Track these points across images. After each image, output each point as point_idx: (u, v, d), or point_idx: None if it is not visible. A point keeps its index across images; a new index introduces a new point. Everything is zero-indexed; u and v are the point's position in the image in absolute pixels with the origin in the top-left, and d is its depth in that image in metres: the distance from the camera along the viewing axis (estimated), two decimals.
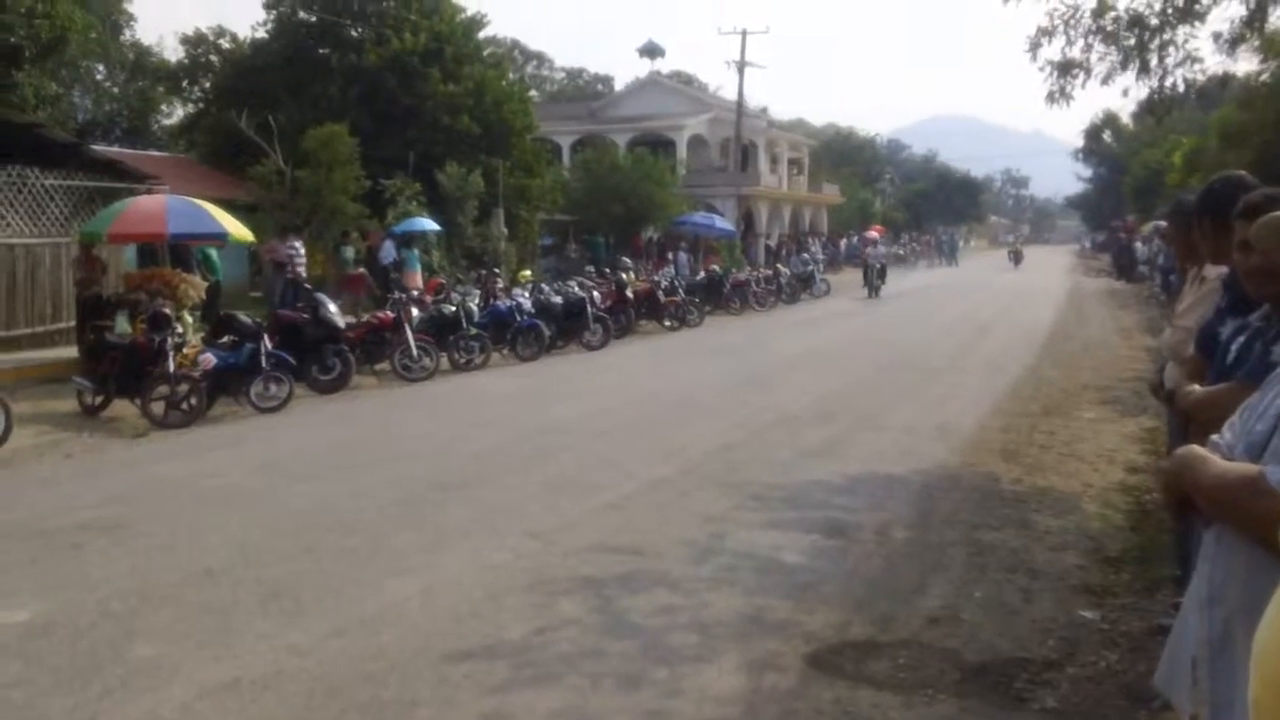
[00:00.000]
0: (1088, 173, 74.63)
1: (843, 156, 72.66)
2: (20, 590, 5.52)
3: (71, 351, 14.03)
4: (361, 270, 21.07)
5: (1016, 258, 52.59)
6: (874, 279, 30.25)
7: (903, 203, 77.92)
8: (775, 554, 6.24)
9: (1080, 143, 68.01)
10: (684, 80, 62.12)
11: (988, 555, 6.23)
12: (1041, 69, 12.36)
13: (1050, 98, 12.54)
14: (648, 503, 7.43)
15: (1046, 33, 12.10)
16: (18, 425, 9.39)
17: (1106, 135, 64.33)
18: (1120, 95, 23.51)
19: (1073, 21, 11.98)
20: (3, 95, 19.45)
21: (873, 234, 38.29)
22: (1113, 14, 11.94)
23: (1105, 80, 12.37)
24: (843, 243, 54.23)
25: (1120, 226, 46.50)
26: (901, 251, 53.88)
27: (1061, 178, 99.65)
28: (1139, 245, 36.87)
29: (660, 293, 21.22)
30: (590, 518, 7.00)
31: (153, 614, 5.20)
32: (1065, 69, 12.32)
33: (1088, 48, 12.14)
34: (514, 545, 6.34)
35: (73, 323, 14.96)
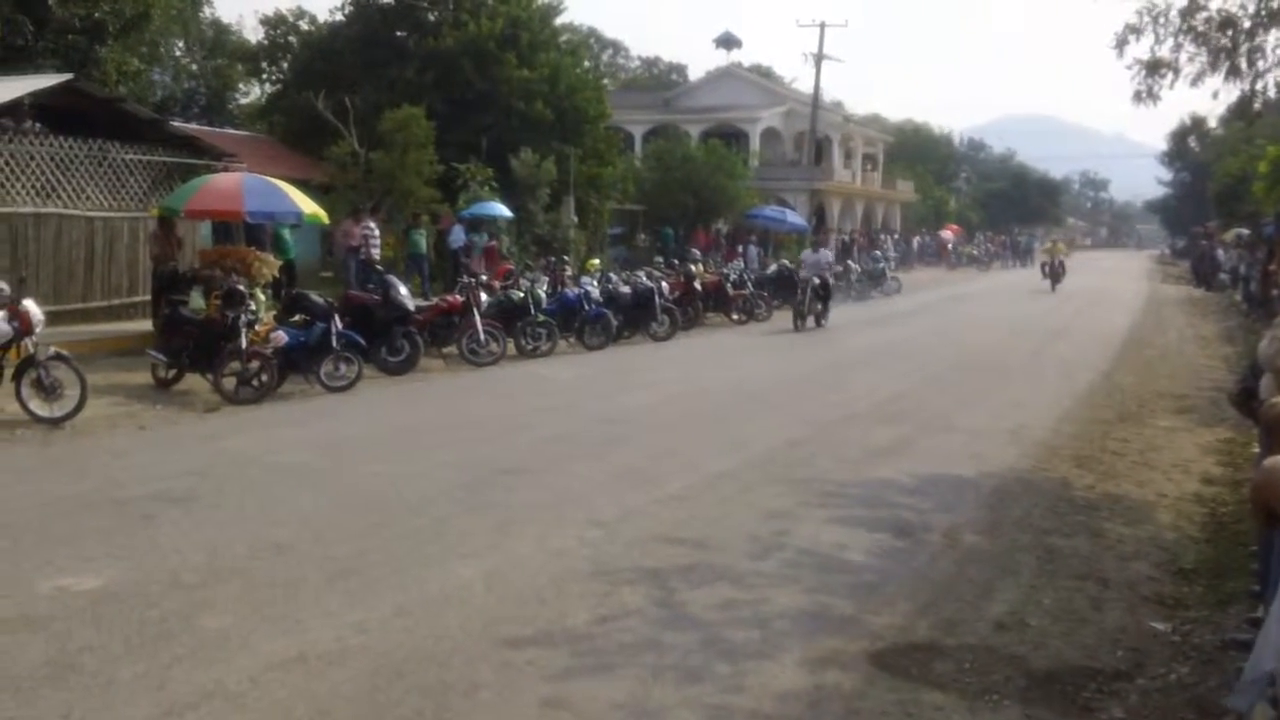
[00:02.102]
0: (1169, 177, 72.76)
1: (918, 153, 71.61)
2: (94, 557, 5.64)
3: (146, 325, 14.34)
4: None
5: (1053, 273, 33.03)
6: (807, 303, 19.54)
7: (978, 202, 76.66)
8: (840, 552, 6.16)
9: (1165, 146, 66.32)
10: (761, 72, 61.68)
11: (1057, 562, 6.09)
12: (1129, 67, 12.03)
13: (1137, 97, 12.19)
14: (711, 496, 7.38)
15: (1134, 30, 11.77)
16: (93, 396, 9.58)
17: (1192, 140, 62.64)
18: (1210, 98, 22.75)
19: (1162, 20, 11.63)
20: (86, 71, 19.90)
21: (821, 254, 21.64)
22: (1204, 14, 11.56)
23: (1195, 81, 11.97)
24: (915, 240, 53.57)
25: (1202, 233, 45.28)
26: (975, 252, 52.96)
27: (1142, 181, 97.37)
28: (1220, 253, 35.86)
29: (729, 285, 21.09)
30: (654, 508, 6.97)
31: (222, 586, 5.28)
32: (1153, 68, 11.96)
33: (1177, 47, 11.76)
34: (577, 533, 6.34)
35: (148, 297, 15.26)
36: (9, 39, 19.37)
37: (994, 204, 76.22)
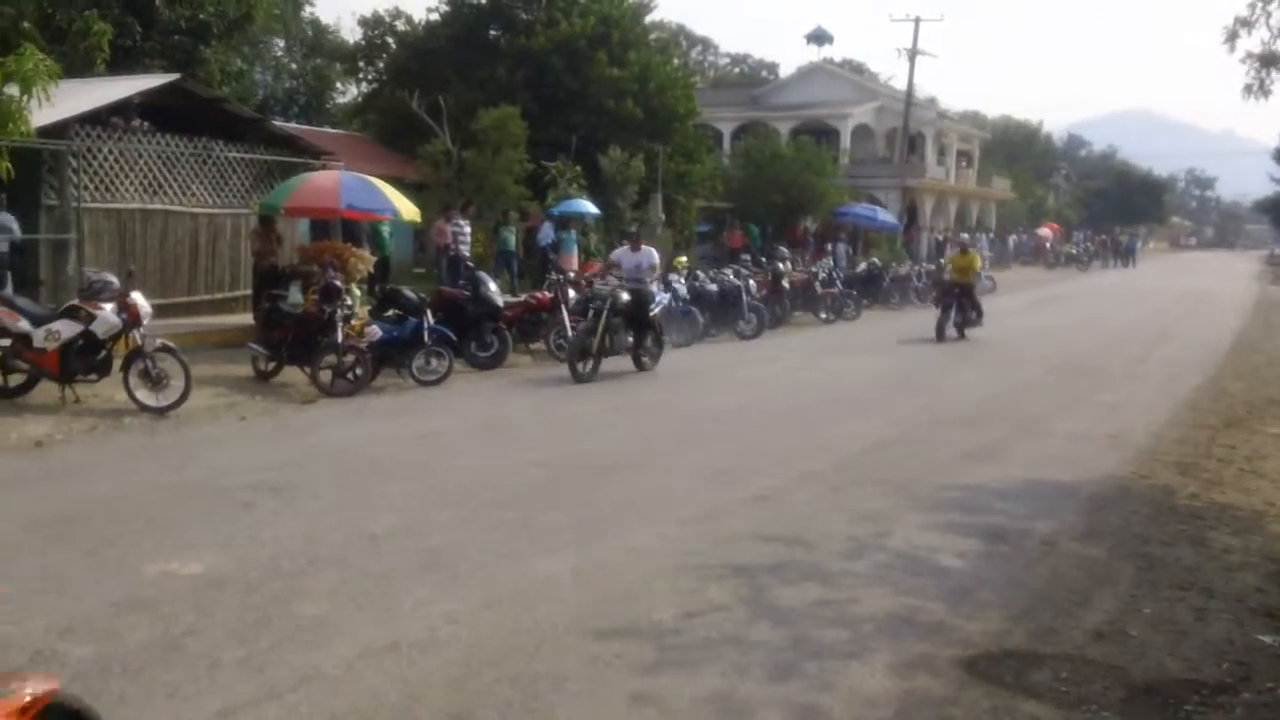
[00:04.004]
0: None
1: (1015, 150, 70.02)
2: (196, 544, 5.82)
3: (247, 319, 14.74)
4: None
5: (946, 313, 17.99)
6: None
7: (1078, 200, 74.66)
8: (932, 555, 6.05)
9: (1277, 143, 63.65)
10: (853, 68, 60.98)
11: (1159, 571, 5.91)
12: (1242, 61, 11.61)
13: (1247, 91, 11.76)
14: (801, 495, 7.33)
15: (1245, 24, 11.35)
16: (196, 387, 9.89)
17: None
18: None
19: (1276, 12, 11.19)
20: (191, 71, 20.51)
21: (643, 255, 13.84)
22: None
23: None
24: (1011, 239, 52.40)
25: None
26: (1074, 251, 51.60)
27: (1251, 180, 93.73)
28: None
29: (817, 284, 20.90)
30: (741, 507, 6.94)
31: (319, 574, 5.40)
32: (1267, 62, 11.52)
33: None
34: (664, 530, 6.34)
35: (249, 291, 15.70)
36: (118, 40, 20.07)
37: (1094, 202, 74.19)
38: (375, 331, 11.48)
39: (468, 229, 19.73)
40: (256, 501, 6.71)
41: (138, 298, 10.03)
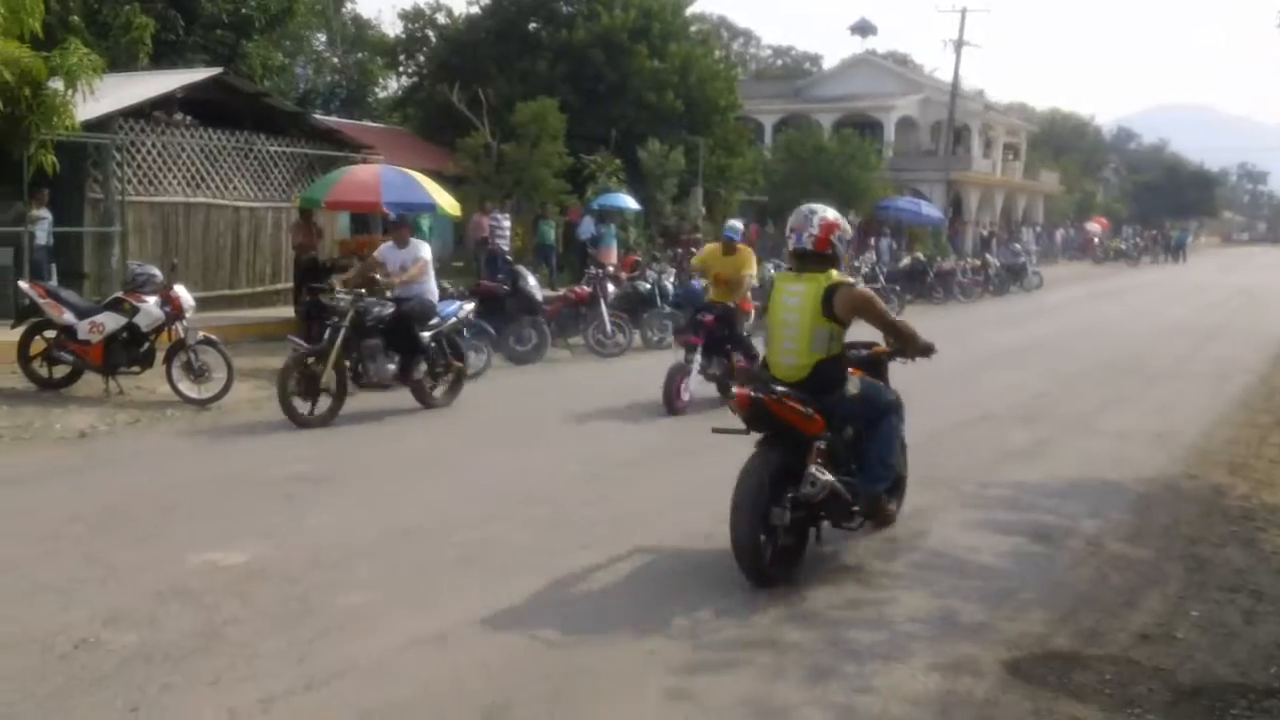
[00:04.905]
0: None
1: (1064, 143, 69.02)
2: (238, 534, 5.87)
3: (288, 311, 14.87)
4: None
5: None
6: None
7: (1127, 194, 73.50)
8: (973, 555, 5.97)
9: None
10: (897, 60, 60.36)
11: (1207, 572, 5.78)
12: None
13: None
14: None
15: None
16: (238, 379, 9.97)
17: None
18: None
19: None
20: (233, 65, 20.73)
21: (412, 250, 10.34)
22: None
23: None
24: (1059, 233, 51.70)
25: None
26: (1123, 246, 50.81)
27: None
28: None
29: (860, 279, 20.69)
30: None
31: (359, 565, 5.43)
32: None
33: None
34: (701, 528, 6.27)
35: (290, 284, 15.83)
36: (161, 34, 20.31)
37: (1144, 197, 72.92)
38: None
39: (506, 223, 19.77)
40: (297, 493, 6.76)
41: (180, 290, 10.14)
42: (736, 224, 10.98)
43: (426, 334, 9.78)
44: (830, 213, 5.72)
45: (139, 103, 14.65)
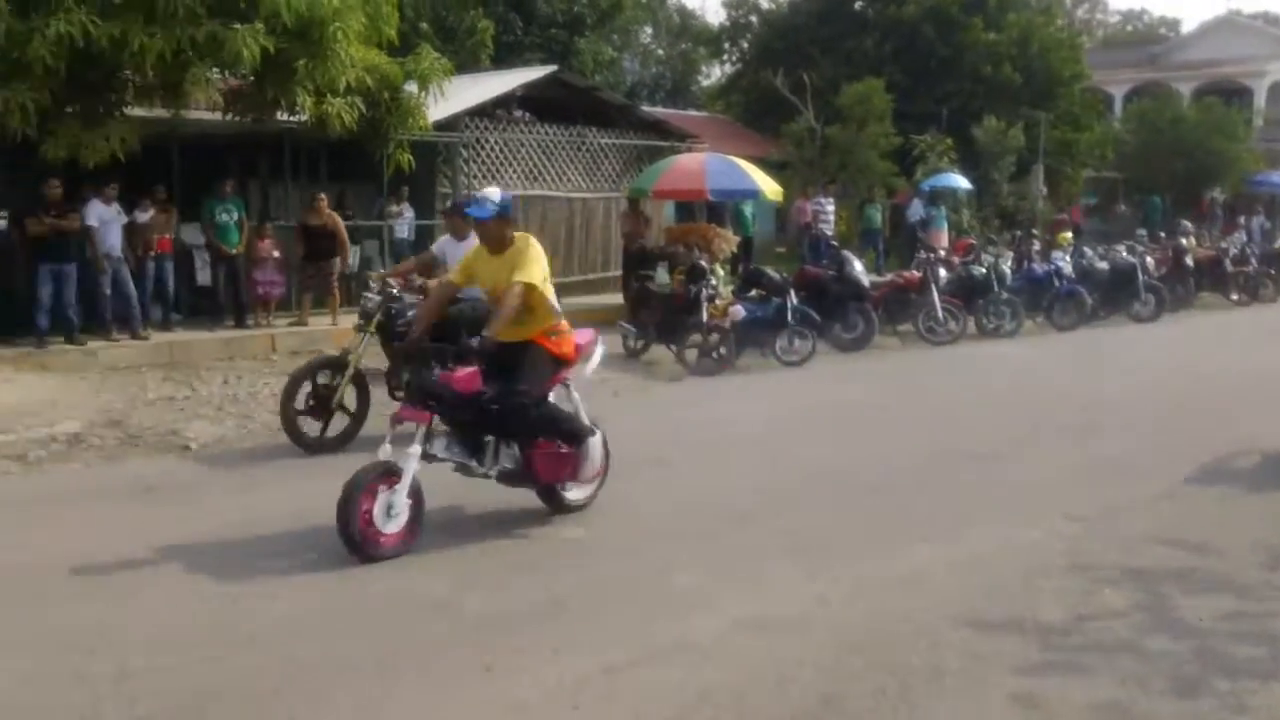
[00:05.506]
0: None
1: None
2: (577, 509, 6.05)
3: (617, 298, 15.34)
4: None
5: None
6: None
7: None
8: None
9: None
10: (1268, 20, 53.98)
11: None
12: None
13: None
14: (1210, 495, 6.56)
15: None
16: None
17: None
18: None
19: None
20: (566, 62, 21.69)
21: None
22: None
23: None
24: None
25: None
26: None
27: None
28: None
29: (1227, 262, 18.59)
30: (1139, 505, 6.29)
31: (690, 547, 5.47)
32: None
33: None
34: (1049, 526, 5.87)
35: (619, 272, 16.33)
36: (500, 36, 21.60)
37: None
38: (739, 311, 11.50)
39: (830, 207, 19.45)
40: (632, 473, 6.86)
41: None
42: (490, 193, 5.96)
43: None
44: None
45: (483, 102, 15.62)
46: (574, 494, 5.88)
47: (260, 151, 14.35)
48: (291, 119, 11.80)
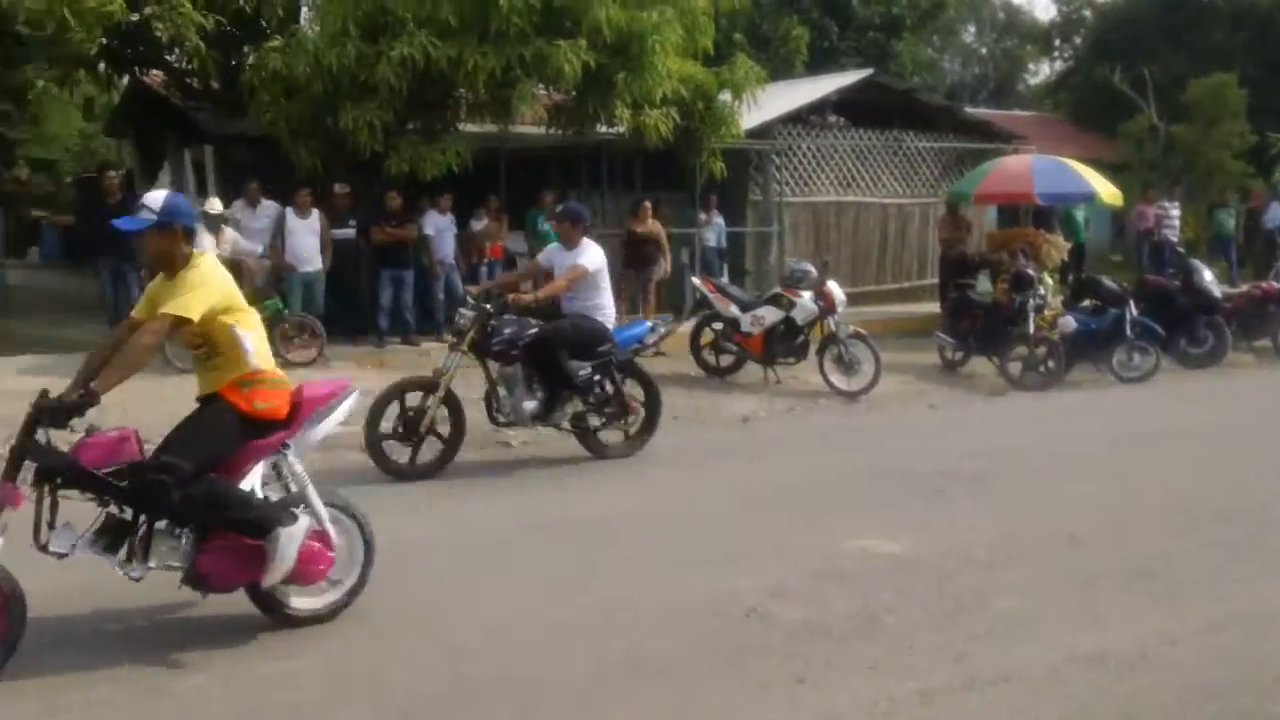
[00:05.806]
0: None
1: None
2: (890, 524, 5.86)
3: (933, 307, 14.78)
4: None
5: None
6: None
7: None
8: None
9: None
10: None
11: None
12: None
13: None
14: None
15: None
16: (885, 373, 10.05)
17: None
18: None
19: None
20: (883, 65, 21.22)
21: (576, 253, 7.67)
22: None
23: None
24: None
25: None
26: None
27: None
28: None
29: None
30: None
31: (1014, 568, 5.15)
32: None
33: None
34: None
35: (936, 280, 15.74)
36: (815, 42, 21.46)
37: None
38: (1070, 322, 10.84)
39: (1175, 211, 17.85)
40: (949, 489, 6.61)
41: (833, 286, 10.49)
42: (152, 198, 4.34)
43: (586, 365, 7.27)
44: None
45: (796, 109, 15.56)
46: (299, 601, 4.39)
47: (579, 162, 15.00)
48: (610, 131, 12.22)
